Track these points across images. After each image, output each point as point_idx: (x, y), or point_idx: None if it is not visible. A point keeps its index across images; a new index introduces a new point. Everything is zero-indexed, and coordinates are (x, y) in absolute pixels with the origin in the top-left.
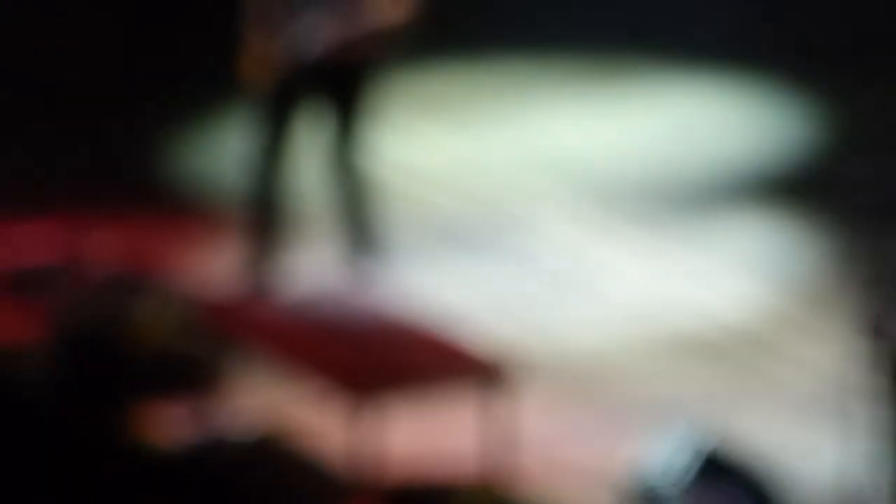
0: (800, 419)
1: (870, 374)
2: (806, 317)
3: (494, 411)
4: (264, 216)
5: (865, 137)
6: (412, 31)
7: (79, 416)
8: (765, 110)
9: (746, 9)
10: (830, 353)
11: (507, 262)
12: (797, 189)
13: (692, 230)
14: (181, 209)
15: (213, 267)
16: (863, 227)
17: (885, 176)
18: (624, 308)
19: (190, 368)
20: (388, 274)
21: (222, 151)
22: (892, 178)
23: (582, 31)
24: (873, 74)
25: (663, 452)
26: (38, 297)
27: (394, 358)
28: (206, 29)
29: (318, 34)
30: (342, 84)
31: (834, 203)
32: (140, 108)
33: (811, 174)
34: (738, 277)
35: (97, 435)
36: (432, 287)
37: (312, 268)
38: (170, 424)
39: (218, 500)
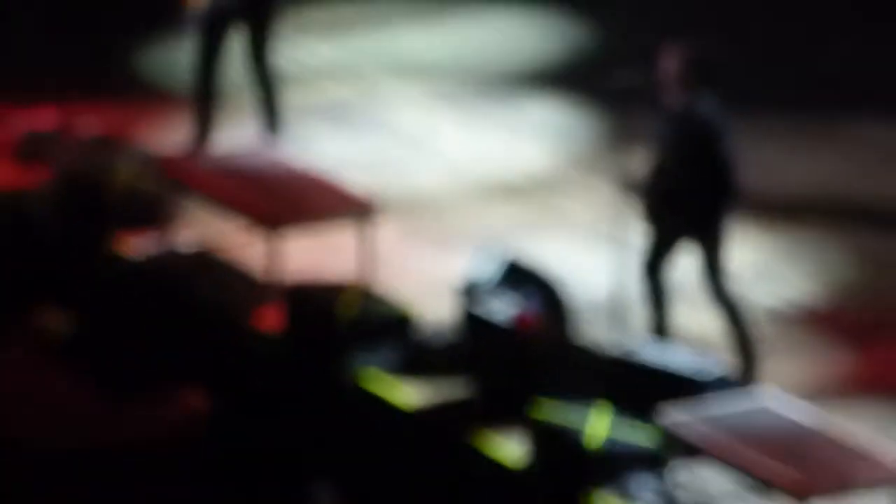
0: (584, 243)
1: (630, 211)
2: (585, 171)
3: (365, 236)
4: (204, 100)
5: (622, 46)
6: None
7: (72, 237)
8: (554, 27)
9: None
10: (604, 197)
11: (374, 133)
12: (575, 81)
13: (502, 109)
14: (147, 95)
15: (169, 135)
16: (619, 110)
17: (635, 72)
18: (455, 164)
19: (151, 204)
20: (289, 140)
21: (178, 54)
22: (640, 72)
23: None
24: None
25: (481, 263)
26: (42, 154)
27: (294, 198)
28: None
29: None
30: (255, 5)
31: (600, 92)
32: (119, 22)
33: (584, 71)
34: (536, 142)
35: (86, 249)
36: (320, 150)
37: (237, 136)
38: (136, 243)
39: (170, 295)
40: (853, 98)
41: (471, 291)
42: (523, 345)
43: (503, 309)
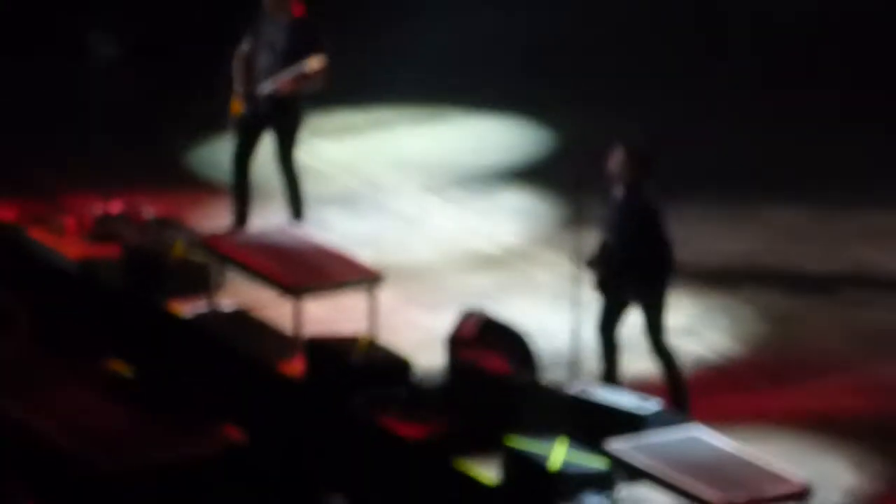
0: (548, 304)
1: (590, 280)
2: (547, 247)
3: (372, 298)
4: (241, 190)
5: (575, 146)
6: (321, 86)
7: (135, 300)
8: (522, 132)
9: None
10: (562, 268)
11: (378, 216)
12: (538, 175)
13: (481, 197)
14: (196, 185)
15: (213, 218)
16: (574, 199)
17: (587, 168)
18: (442, 241)
19: (199, 274)
20: (309, 222)
21: (221, 154)
22: (589, 168)
23: (415, 90)
24: (576, 113)
25: (470, 320)
26: (112, 233)
27: (314, 269)
28: (218, 86)
29: (268, 83)
30: (280, 113)
31: (557, 184)
32: (173, 127)
33: (546, 166)
34: (507, 223)
35: (147, 309)
36: (335, 230)
37: (268, 219)
38: (187, 305)
39: (213, 346)
40: (765, 188)
41: (456, 343)
42: (498, 386)
43: (478, 356)
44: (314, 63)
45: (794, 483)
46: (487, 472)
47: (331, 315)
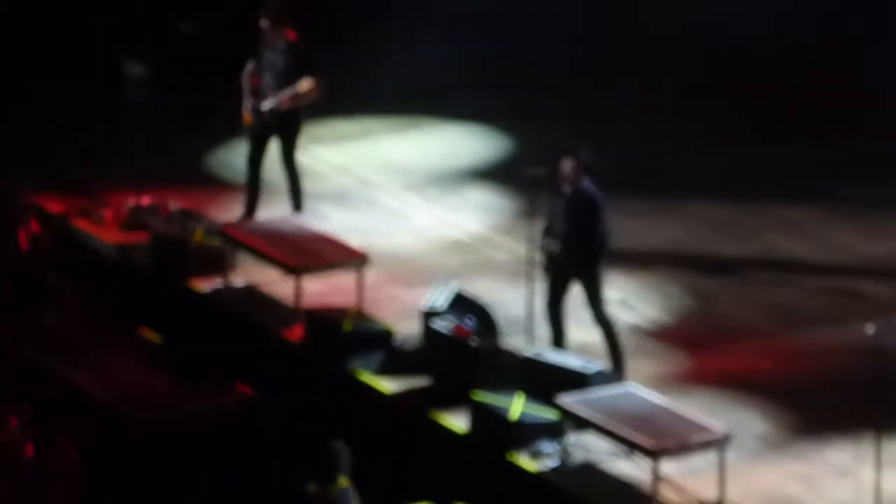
0: (507, 282)
1: (541, 262)
2: (506, 234)
3: (361, 277)
4: (252, 187)
5: (529, 150)
6: (315, 99)
7: (162, 278)
8: (487, 137)
9: (475, 92)
10: (519, 252)
11: (366, 209)
12: (500, 174)
13: (452, 193)
14: (214, 183)
15: (229, 210)
16: (528, 195)
17: (542, 168)
18: (420, 230)
19: (215, 256)
20: (308, 214)
21: (234, 157)
22: (544, 168)
23: (396, 103)
24: (535, 118)
25: (438, 295)
26: (142, 223)
27: (312, 253)
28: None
29: (269, 101)
30: (283, 122)
31: (514, 182)
32: (194, 135)
33: (506, 167)
34: (474, 215)
35: (172, 286)
36: (330, 221)
37: (274, 211)
38: (206, 283)
39: (228, 317)
40: (691, 186)
41: (430, 314)
42: (464, 349)
43: (449, 324)
44: (305, 84)
45: (715, 432)
46: (457, 422)
47: (326, 291)
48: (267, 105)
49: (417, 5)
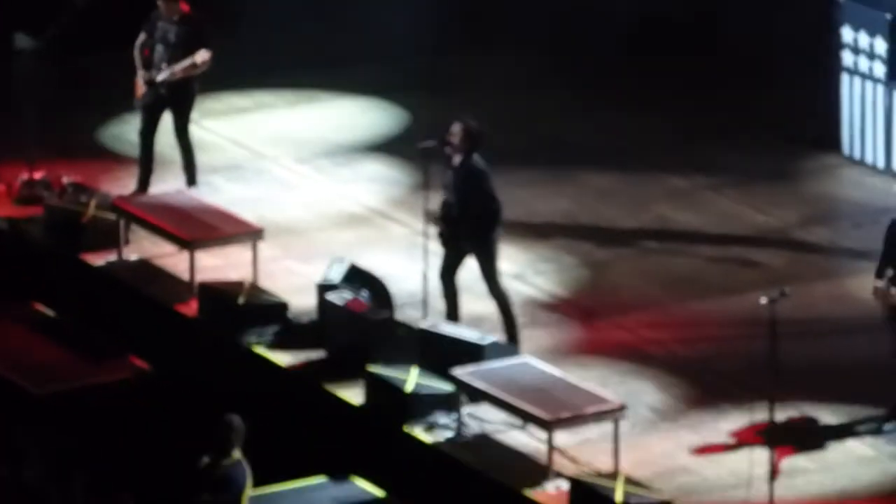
0: (402, 255)
1: (439, 233)
2: (401, 207)
3: (255, 250)
4: (145, 160)
5: (424, 124)
6: (208, 71)
7: (56, 253)
8: (381, 111)
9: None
10: (414, 224)
11: (259, 183)
12: (394, 147)
13: (346, 166)
14: (107, 156)
15: (122, 183)
16: (421, 167)
17: (433, 141)
18: (314, 203)
19: (109, 230)
20: (202, 187)
21: (127, 130)
22: (436, 141)
23: (290, 77)
24: (422, 96)
25: (333, 269)
26: (35, 196)
27: (206, 226)
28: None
29: (163, 72)
30: (176, 95)
31: (408, 155)
32: (86, 108)
33: (399, 140)
34: (369, 187)
35: (65, 260)
36: (223, 194)
37: (167, 184)
38: (99, 256)
39: (121, 291)
40: (581, 157)
41: (325, 287)
42: (359, 322)
43: (344, 297)
44: (201, 55)
45: (609, 403)
46: (352, 395)
47: (220, 264)
48: (160, 77)
49: None
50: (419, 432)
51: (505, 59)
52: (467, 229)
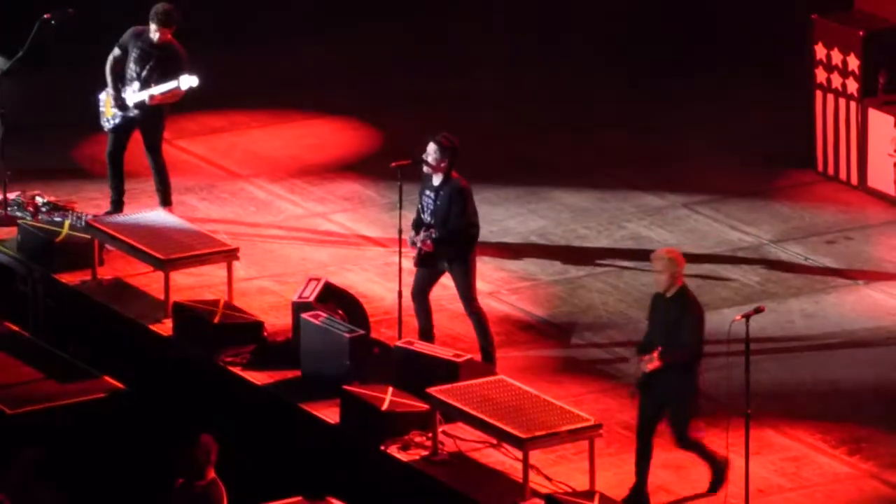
0: (376, 273)
1: (412, 253)
2: (375, 226)
3: (230, 269)
4: (116, 181)
5: (395, 143)
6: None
7: (30, 272)
8: (353, 132)
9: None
10: (389, 242)
11: (234, 203)
12: (365, 167)
13: (321, 186)
14: (80, 175)
15: (95, 203)
16: (395, 186)
17: (413, 158)
18: (288, 221)
19: (83, 250)
20: (176, 208)
21: (101, 150)
22: (413, 158)
23: (265, 98)
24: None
25: (312, 287)
26: (10, 217)
27: (181, 246)
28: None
29: (141, 93)
30: (148, 116)
31: (382, 174)
32: (57, 128)
33: (374, 159)
34: (344, 207)
35: (40, 281)
36: (198, 214)
37: (141, 204)
38: (74, 276)
39: (96, 310)
40: (555, 175)
41: (301, 306)
42: (335, 341)
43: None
44: (187, 82)
45: (586, 420)
46: (327, 415)
47: (195, 284)
48: (137, 97)
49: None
50: (395, 451)
51: (478, 76)
52: (447, 249)
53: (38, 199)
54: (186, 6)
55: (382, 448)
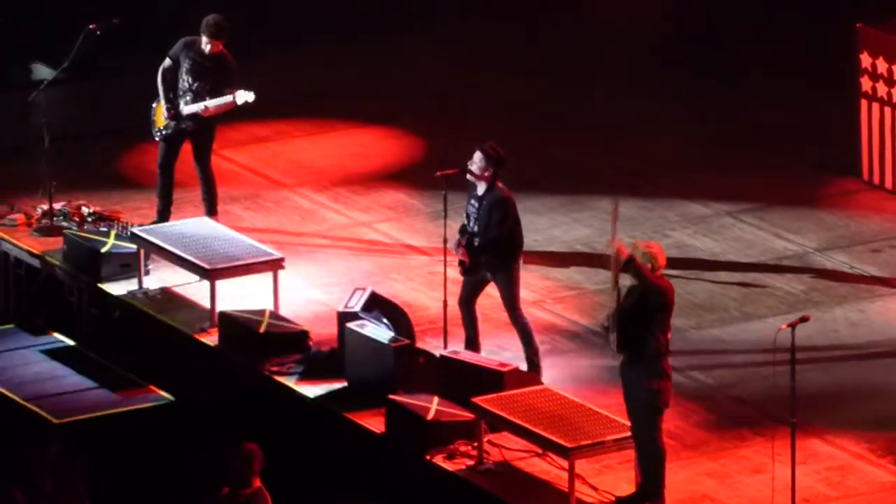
0: (422, 282)
1: (459, 261)
2: (419, 235)
3: (275, 279)
4: (164, 191)
5: (444, 151)
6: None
7: (78, 280)
8: (395, 142)
9: (384, 97)
10: (434, 252)
11: (280, 212)
12: (412, 175)
13: (364, 195)
14: (127, 186)
15: (142, 213)
16: (440, 195)
17: (457, 167)
18: (333, 231)
19: (130, 259)
20: (223, 217)
21: (147, 160)
22: (459, 167)
23: (309, 107)
24: (439, 124)
25: (354, 297)
26: (57, 227)
27: (227, 256)
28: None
29: (193, 105)
30: (200, 127)
31: (426, 183)
32: (106, 135)
33: (416, 169)
34: (388, 215)
35: (88, 290)
36: (244, 224)
37: (189, 214)
38: (121, 286)
39: (144, 321)
40: (600, 184)
41: (346, 316)
42: (380, 350)
43: (371, 327)
44: (243, 97)
45: (629, 430)
46: (373, 424)
47: (240, 294)
48: (189, 109)
49: (326, 12)
50: (440, 460)
51: (517, 83)
52: (490, 258)
53: (84, 210)
54: (232, 18)
55: (428, 457)
